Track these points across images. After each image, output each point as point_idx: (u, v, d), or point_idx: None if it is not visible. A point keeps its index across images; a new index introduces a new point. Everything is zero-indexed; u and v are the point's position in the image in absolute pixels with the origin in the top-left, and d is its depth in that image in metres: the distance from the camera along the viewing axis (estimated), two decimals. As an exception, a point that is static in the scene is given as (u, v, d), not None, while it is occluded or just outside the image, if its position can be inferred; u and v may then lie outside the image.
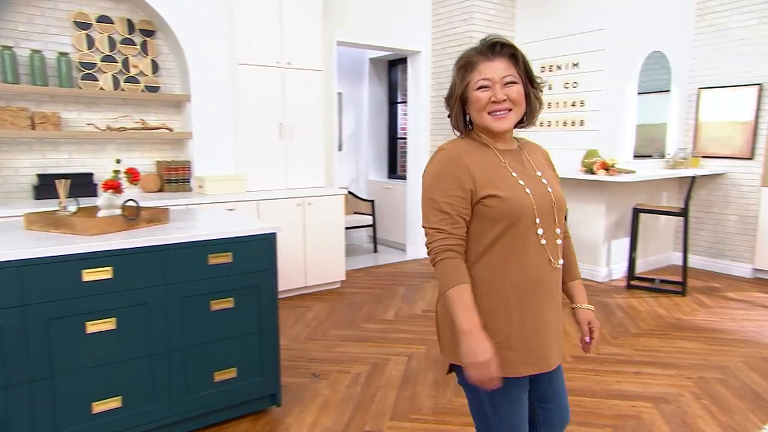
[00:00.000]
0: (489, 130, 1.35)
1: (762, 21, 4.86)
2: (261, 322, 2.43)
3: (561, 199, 1.40)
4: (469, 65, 1.33)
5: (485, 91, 1.31)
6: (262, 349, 2.45)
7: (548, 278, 1.36)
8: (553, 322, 1.39)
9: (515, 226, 1.30)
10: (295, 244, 4.35)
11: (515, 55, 1.33)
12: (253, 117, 4.25)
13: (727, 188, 5.22)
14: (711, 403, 2.65)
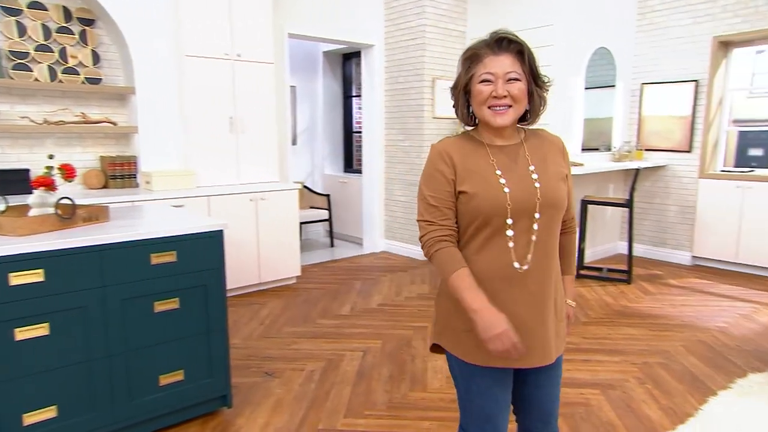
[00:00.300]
0: (488, 124, 1.35)
1: (697, 21, 5.04)
2: (209, 322, 2.34)
3: (552, 195, 1.34)
4: (475, 57, 1.33)
5: (488, 85, 1.30)
6: (210, 349, 2.35)
7: (517, 276, 1.34)
8: (530, 319, 1.35)
9: (486, 224, 1.32)
10: (248, 240, 4.23)
11: (522, 52, 1.32)
12: (202, 110, 4.10)
13: (668, 180, 5.41)
14: (653, 387, 2.73)
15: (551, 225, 1.35)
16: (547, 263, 1.36)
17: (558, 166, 1.39)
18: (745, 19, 4.77)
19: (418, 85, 5.34)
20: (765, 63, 6.02)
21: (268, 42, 4.38)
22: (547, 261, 1.36)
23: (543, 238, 1.34)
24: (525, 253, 1.33)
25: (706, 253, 5.18)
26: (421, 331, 3.54)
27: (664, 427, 2.36)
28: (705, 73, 5.04)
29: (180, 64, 4.02)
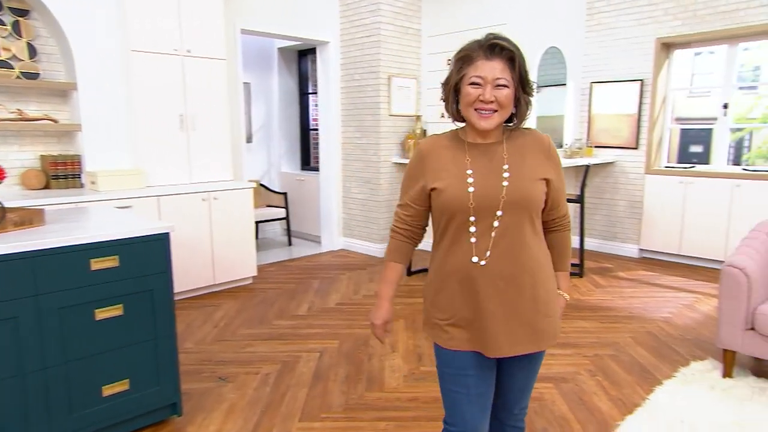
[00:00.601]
0: (472, 125, 1.40)
1: (641, 23, 5.19)
2: (156, 328, 2.22)
3: (519, 195, 1.36)
4: (467, 59, 1.35)
5: (476, 88, 1.34)
6: (158, 357, 2.24)
7: (479, 270, 1.38)
8: (494, 312, 1.38)
9: (453, 220, 1.39)
10: (201, 240, 4.09)
11: (513, 59, 1.34)
12: (151, 108, 3.92)
13: (617, 176, 5.56)
14: (604, 379, 2.79)
15: (519, 223, 1.38)
16: (514, 259, 1.38)
17: (536, 167, 1.41)
18: (684, 22, 4.94)
19: (374, 83, 5.29)
20: (703, 64, 6.31)
21: (220, 38, 4.23)
22: (515, 257, 1.38)
23: (508, 236, 1.37)
24: (485, 249, 1.38)
25: (652, 245, 5.36)
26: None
27: (613, 418, 2.40)
28: (649, 73, 5.20)
29: (126, 60, 3.83)
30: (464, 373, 1.45)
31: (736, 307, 2.60)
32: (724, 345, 2.69)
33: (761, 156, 6.56)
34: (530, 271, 1.40)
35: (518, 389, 1.55)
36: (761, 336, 2.57)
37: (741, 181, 4.77)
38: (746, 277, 2.56)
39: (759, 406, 2.43)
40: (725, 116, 5.00)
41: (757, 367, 2.88)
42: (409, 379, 2.81)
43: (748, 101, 6.35)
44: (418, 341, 3.33)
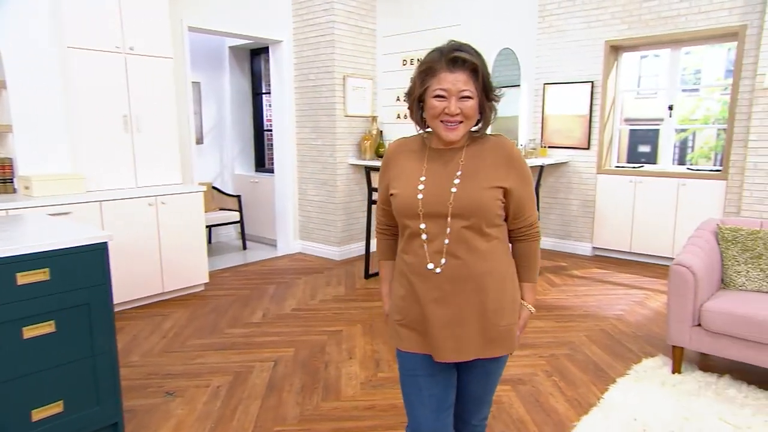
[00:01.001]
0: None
1: (590, 26, 5.31)
2: (94, 344, 2.08)
3: (466, 203, 1.36)
4: (430, 71, 1.35)
5: (441, 101, 1.34)
6: (96, 374, 2.10)
7: (431, 276, 1.40)
8: (442, 316, 1.40)
9: (406, 224, 1.42)
10: (148, 247, 3.90)
11: (476, 70, 1.34)
12: (91, 108, 3.71)
13: (570, 175, 5.68)
14: (560, 379, 2.81)
15: (470, 230, 1.37)
16: (464, 266, 1.38)
17: (492, 174, 1.39)
18: (631, 26, 5.08)
19: (329, 83, 5.21)
20: (649, 67, 6.54)
21: (165, 35, 4.06)
22: (465, 264, 1.38)
23: (459, 242, 1.37)
24: (439, 256, 1.38)
25: (605, 244, 5.49)
26: (335, 336, 3.43)
27: (570, 419, 2.42)
28: (599, 74, 5.33)
29: (62, 57, 3.61)
30: (415, 375, 1.48)
31: (684, 305, 2.67)
32: (674, 342, 2.75)
33: (703, 156, 6.87)
34: (479, 278, 1.39)
35: (475, 398, 1.54)
36: (707, 332, 2.64)
37: (686, 180, 4.94)
38: (693, 275, 2.63)
39: (706, 400, 2.49)
40: (670, 117, 5.17)
41: (703, 362, 2.96)
42: (366, 387, 2.75)
43: (690, 103, 6.63)
44: (376, 346, 3.27)
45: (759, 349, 2.51)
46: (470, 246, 1.38)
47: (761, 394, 2.54)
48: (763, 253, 2.80)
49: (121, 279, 3.77)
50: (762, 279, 2.79)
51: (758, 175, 4.41)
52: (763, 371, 2.83)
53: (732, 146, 4.68)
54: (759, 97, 4.36)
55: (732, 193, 4.70)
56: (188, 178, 4.68)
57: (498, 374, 1.53)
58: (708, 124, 6.34)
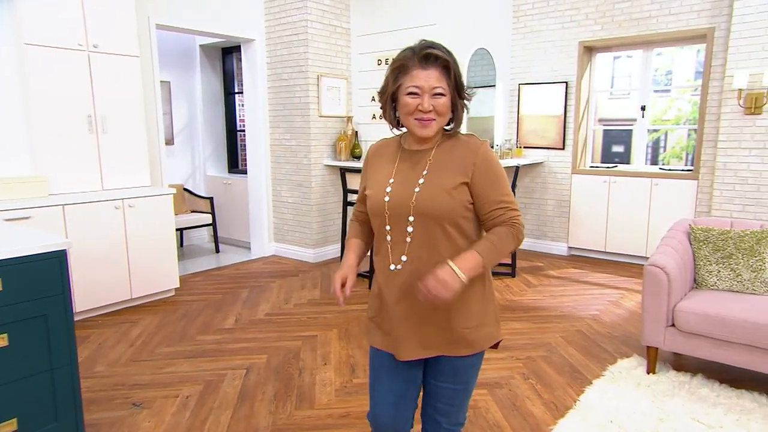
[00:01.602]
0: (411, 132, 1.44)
1: (564, 26, 5.35)
2: (52, 357, 1.99)
3: (426, 204, 1.38)
4: (403, 69, 1.38)
5: (414, 98, 1.36)
6: (55, 389, 2.00)
7: (393, 274, 1.44)
8: (401, 314, 1.45)
9: (375, 224, 1.48)
10: (115, 252, 3.78)
11: (448, 67, 1.37)
12: (53, 108, 3.58)
13: (546, 176, 5.71)
14: (537, 382, 2.80)
15: (433, 230, 1.39)
16: (426, 266, 1.38)
17: (457, 175, 1.39)
18: (604, 26, 5.14)
19: (303, 83, 5.14)
20: (622, 68, 6.63)
21: (132, 33, 3.94)
22: (428, 264, 1.39)
23: (423, 243, 1.40)
24: (400, 254, 1.43)
25: (580, 243, 5.54)
26: (310, 341, 3.37)
27: (546, 422, 2.41)
28: (573, 75, 5.37)
29: (20, 54, 3.47)
30: (379, 369, 1.55)
31: (658, 305, 2.68)
32: (648, 342, 2.77)
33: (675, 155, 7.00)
34: None
35: (443, 396, 1.53)
36: (681, 332, 2.66)
37: (659, 180, 5.01)
38: (667, 276, 2.65)
39: (680, 400, 2.51)
40: (643, 118, 5.24)
41: (677, 362, 2.99)
42: (341, 393, 2.70)
43: (662, 104, 6.74)
44: (351, 351, 3.22)
45: (730, 348, 2.54)
46: (432, 246, 1.39)
47: (732, 393, 2.57)
48: (733, 253, 2.84)
49: (87, 286, 3.64)
50: (733, 278, 2.83)
51: (727, 174, 4.50)
52: (734, 370, 2.87)
53: (702, 146, 4.77)
54: (727, 98, 4.44)
55: (703, 192, 4.78)
56: (157, 180, 4.56)
57: (468, 373, 1.50)
58: (679, 125, 6.46)
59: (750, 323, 2.44)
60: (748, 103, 4.31)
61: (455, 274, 1.30)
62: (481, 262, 1.34)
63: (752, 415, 2.37)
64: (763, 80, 4.20)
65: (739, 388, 2.64)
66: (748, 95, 4.30)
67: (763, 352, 2.45)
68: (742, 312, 2.49)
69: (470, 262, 1.33)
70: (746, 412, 2.40)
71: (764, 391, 2.62)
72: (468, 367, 1.50)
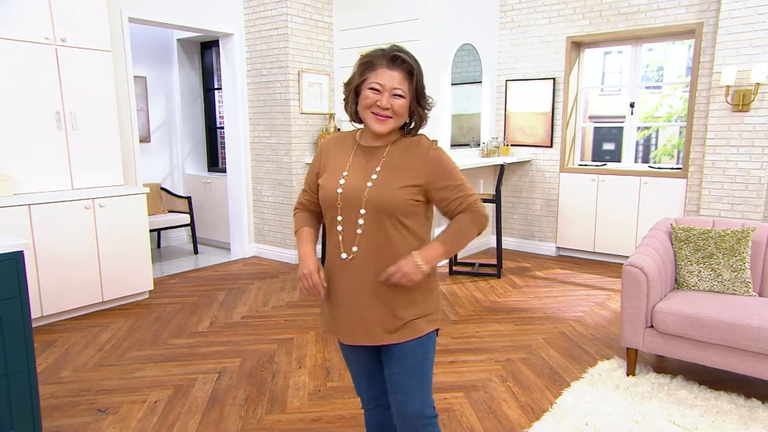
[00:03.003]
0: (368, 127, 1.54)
1: (552, 21, 5.40)
2: (8, 362, 1.99)
3: (378, 198, 1.48)
4: (370, 65, 1.49)
5: (375, 93, 1.47)
6: (11, 395, 2.01)
7: (343, 263, 1.55)
8: (349, 301, 1.55)
9: (327, 214, 1.58)
10: (84, 253, 3.78)
11: (412, 73, 1.49)
12: (17, 104, 3.56)
13: (534, 174, 5.75)
14: (514, 384, 2.83)
15: (383, 223, 1.50)
16: (374, 257, 1.51)
17: (408, 174, 1.51)
18: (592, 21, 5.19)
19: (283, 79, 5.15)
20: (612, 63, 6.69)
21: (102, 26, 3.93)
22: (376, 255, 1.51)
23: (372, 234, 1.51)
24: (351, 245, 1.53)
25: (568, 243, 5.58)
26: (285, 344, 3.39)
27: (521, 425, 2.44)
28: (561, 71, 5.42)
29: (-16, 48, 3.46)
30: (346, 353, 1.71)
31: (637, 306, 2.72)
32: (628, 344, 2.81)
33: (667, 153, 7.07)
34: (388, 267, 1.49)
35: (399, 385, 1.58)
36: (659, 333, 2.70)
37: (648, 178, 5.07)
38: (645, 276, 2.68)
39: (658, 402, 2.55)
40: (632, 115, 5.29)
41: (658, 364, 3.04)
42: (314, 398, 2.72)
43: (654, 100, 6.81)
44: (328, 354, 3.24)
45: (708, 349, 2.58)
46: (383, 238, 1.51)
47: (711, 395, 2.62)
48: (714, 253, 2.88)
49: (54, 288, 3.64)
50: (713, 279, 2.87)
51: (716, 173, 4.56)
52: (715, 372, 2.91)
53: (691, 144, 4.82)
54: (715, 95, 4.50)
55: (692, 191, 4.84)
56: (131, 179, 4.55)
57: (416, 355, 1.56)
58: (671, 122, 6.53)
59: (726, 324, 2.48)
60: (736, 100, 4.37)
61: (418, 265, 1.48)
62: (443, 252, 1.53)
63: (728, 417, 2.41)
64: (750, 77, 4.26)
65: (718, 390, 2.68)
66: (736, 92, 4.36)
67: (740, 353, 2.50)
68: (719, 313, 2.54)
69: (433, 252, 1.51)
70: (723, 414, 2.44)
71: (743, 392, 2.66)
72: (416, 352, 1.57)
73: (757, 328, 2.42)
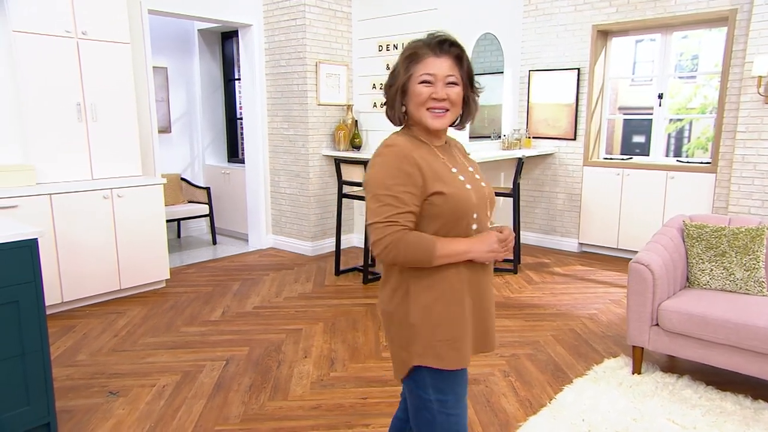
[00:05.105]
0: (424, 126, 1.44)
1: (578, 9, 5.38)
2: (23, 342, 2.19)
3: (493, 193, 1.52)
4: (415, 57, 1.39)
5: (428, 86, 1.38)
6: (26, 373, 2.21)
7: (486, 269, 1.50)
8: (492, 311, 1.53)
9: (455, 223, 1.40)
10: (103, 242, 4.01)
11: (461, 57, 1.41)
12: (41, 96, 3.80)
13: (556, 168, 5.76)
14: (516, 379, 2.92)
15: (491, 221, 1.52)
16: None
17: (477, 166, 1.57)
18: (619, 9, 5.15)
19: (300, 70, 5.29)
20: (644, 52, 6.58)
21: (122, 19, 4.14)
22: None
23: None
24: None
25: (591, 239, 5.59)
26: (294, 334, 3.54)
27: (517, 419, 2.53)
28: (586, 61, 5.40)
29: (8, 41, 3.70)
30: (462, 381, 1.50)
31: (642, 304, 2.77)
32: (633, 342, 2.86)
33: (700, 146, 6.93)
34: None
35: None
36: (665, 332, 2.74)
37: (675, 172, 5.03)
38: (651, 273, 2.73)
39: (659, 401, 2.60)
40: (660, 106, 5.25)
41: (667, 363, 3.07)
42: (316, 386, 2.87)
43: (688, 90, 6.68)
44: (334, 346, 3.38)
45: (713, 349, 2.61)
46: None
47: (716, 395, 2.65)
48: (726, 251, 2.90)
49: (74, 276, 3.88)
50: (725, 277, 2.89)
51: (746, 168, 4.50)
52: (722, 372, 2.93)
53: (721, 138, 4.77)
54: (747, 86, 4.44)
55: (721, 186, 4.79)
56: (150, 170, 4.78)
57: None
58: (705, 114, 6.39)
59: (732, 323, 2.51)
60: (768, 91, 4.30)
61: None
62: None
63: (730, 418, 2.45)
64: (783, 67, 4.19)
65: (724, 391, 2.71)
66: (768, 83, 4.29)
67: (747, 353, 2.53)
68: (725, 312, 2.57)
69: None
70: (725, 414, 2.48)
71: (751, 394, 2.69)
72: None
73: (763, 328, 2.44)
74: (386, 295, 1.49)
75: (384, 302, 1.50)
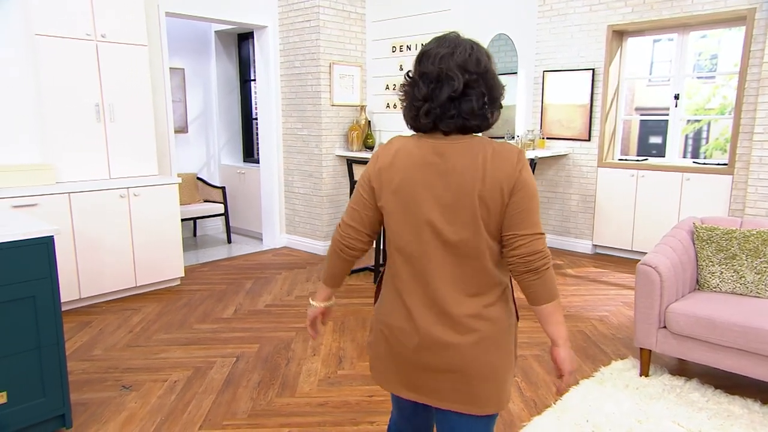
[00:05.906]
0: None
1: (593, 9, 5.36)
2: (39, 336, 2.27)
3: None
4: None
5: None
6: (42, 367, 2.29)
7: None
8: None
9: None
10: (119, 240, 4.11)
11: None
12: (61, 97, 3.91)
13: (570, 169, 5.75)
14: (522, 380, 2.93)
15: None
16: None
17: None
18: (634, 9, 5.12)
19: (314, 70, 5.35)
20: (662, 52, 6.51)
21: (140, 22, 4.24)
22: None
23: None
24: None
25: (605, 241, 5.56)
26: (303, 332, 3.60)
27: (521, 419, 2.55)
28: (601, 61, 5.38)
29: (32, 44, 3.81)
30: None
31: (650, 306, 2.77)
32: (641, 344, 2.85)
33: (719, 147, 6.81)
34: None
35: None
36: (672, 334, 2.74)
37: (691, 174, 4.98)
38: (659, 276, 2.72)
39: (665, 403, 2.60)
40: (676, 107, 5.20)
41: (677, 366, 3.06)
42: (323, 384, 2.92)
43: (706, 91, 6.58)
44: (343, 344, 3.43)
45: (721, 352, 2.61)
46: None
47: (724, 399, 2.64)
48: (737, 254, 2.88)
49: (91, 273, 3.98)
50: (735, 280, 2.87)
51: (763, 170, 4.45)
52: (731, 375, 2.92)
53: (738, 139, 4.72)
54: (765, 86, 4.39)
55: (738, 188, 4.74)
56: (166, 169, 4.88)
57: None
58: (724, 114, 6.30)
59: (740, 327, 2.50)
60: (786, 92, 4.24)
61: None
62: None
63: (737, 421, 2.44)
64: (802, 67, 4.13)
65: (733, 394, 2.70)
66: (786, 84, 4.24)
67: (754, 356, 2.51)
68: (733, 315, 2.56)
69: None
70: (732, 418, 2.47)
71: (760, 398, 2.67)
72: None
73: (772, 332, 2.43)
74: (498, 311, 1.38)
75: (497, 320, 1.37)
